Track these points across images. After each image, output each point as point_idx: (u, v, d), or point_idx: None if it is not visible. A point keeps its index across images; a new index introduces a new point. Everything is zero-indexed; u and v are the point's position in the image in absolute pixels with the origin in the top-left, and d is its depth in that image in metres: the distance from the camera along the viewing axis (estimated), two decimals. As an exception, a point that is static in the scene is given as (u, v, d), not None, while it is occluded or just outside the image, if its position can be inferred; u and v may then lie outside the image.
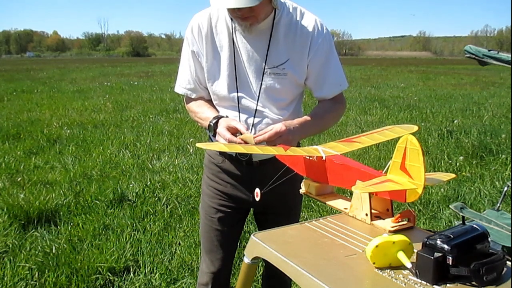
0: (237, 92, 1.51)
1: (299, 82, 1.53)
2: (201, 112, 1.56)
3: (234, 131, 1.38)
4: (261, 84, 1.49)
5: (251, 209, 1.74)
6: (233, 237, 1.73)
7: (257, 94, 1.50)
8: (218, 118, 1.45)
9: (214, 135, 1.46)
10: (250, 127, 1.51)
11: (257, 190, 1.35)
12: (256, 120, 1.52)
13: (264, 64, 1.48)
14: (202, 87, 1.59)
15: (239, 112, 1.52)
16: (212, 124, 1.45)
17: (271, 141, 1.34)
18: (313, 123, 1.49)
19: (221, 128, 1.40)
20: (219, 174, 1.64)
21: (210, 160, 1.67)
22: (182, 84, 1.61)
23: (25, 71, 24.63)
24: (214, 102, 1.60)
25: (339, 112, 1.63)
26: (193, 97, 1.61)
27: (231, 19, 1.47)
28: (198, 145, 1.22)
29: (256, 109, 1.51)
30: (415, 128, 1.35)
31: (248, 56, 1.49)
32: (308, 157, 1.26)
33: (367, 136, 1.33)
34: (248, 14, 1.36)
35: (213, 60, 1.52)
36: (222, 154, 1.60)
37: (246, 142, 1.35)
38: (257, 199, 1.35)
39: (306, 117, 1.50)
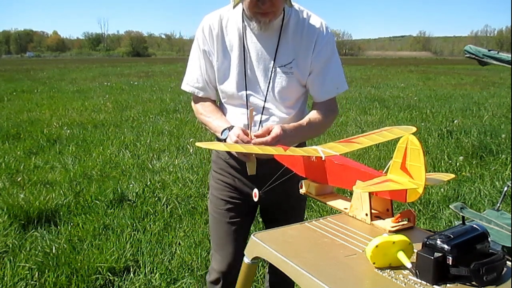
0: (246, 90, 1.55)
1: (303, 81, 1.57)
2: (210, 121, 1.60)
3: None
4: (269, 82, 1.53)
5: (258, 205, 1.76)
6: (243, 229, 1.73)
7: (265, 92, 1.54)
8: (229, 130, 1.47)
9: None
10: (258, 125, 1.54)
11: (255, 191, 1.35)
12: (264, 117, 1.56)
13: (272, 63, 1.52)
14: (210, 86, 1.63)
15: (247, 109, 1.55)
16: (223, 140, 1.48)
17: (269, 143, 1.36)
18: (307, 129, 1.52)
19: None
20: (226, 169, 1.67)
21: (217, 156, 1.70)
22: (190, 82, 1.64)
23: (25, 71, 24.63)
24: (223, 100, 1.64)
25: (331, 119, 1.66)
26: (200, 95, 1.65)
27: (242, 20, 1.53)
28: (198, 144, 1.23)
29: (263, 107, 1.55)
30: (413, 129, 1.35)
31: (258, 55, 1.53)
32: (307, 157, 1.26)
33: (366, 137, 1.33)
34: (269, 10, 1.41)
35: (223, 59, 1.56)
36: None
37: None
38: (256, 199, 1.35)
39: (301, 122, 1.53)
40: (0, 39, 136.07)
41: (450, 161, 5.02)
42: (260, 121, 1.55)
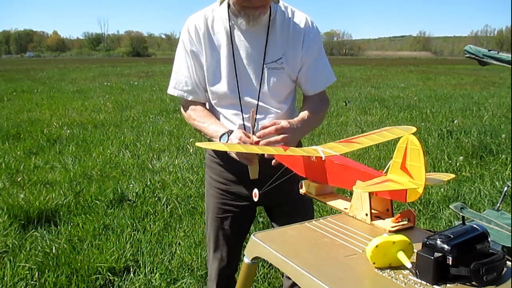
0: (238, 89, 1.53)
1: (293, 76, 1.58)
2: (205, 127, 1.55)
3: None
4: (261, 79, 1.52)
5: (258, 206, 1.75)
6: (239, 235, 1.74)
7: (258, 90, 1.53)
8: (228, 134, 1.44)
9: None
10: (254, 123, 1.51)
11: (255, 191, 1.35)
12: (259, 116, 1.54)
13: (263, 60, 1.52)
14: (200, 89, 1.59)
15: (241, 110, 1.54)
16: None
17: (273, 134, 1.37)
18: (309, 122, 1.54)
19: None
20: (222, 174, 1.64)
21: (212, 160, 1.67)
22: (178, 86, 1.61)
23: (25, 71, 24.63)
24: (213, 102, 1.60)
25: (326, 109, 1.70)
26: (189, 99, 1.61)
27: (228, 18, 1.51)
28: (198, 144, 1.23)
29: (257, 105, 1.53)
30: (413, 129, 1.35)
31: (247, 53, 1.52)
32: (307, 157, 1.26)
33: (366, 137, 1.33)
34: (259, 3, 1.41)
35: (211, 59, 1.54)
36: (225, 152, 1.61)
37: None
38: (255, 199, 1.35)
39: (303, 116, 1.53)
40: (0, 39, 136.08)
41: (450, 161, 5.02)
42: (255, 119, 1.52)
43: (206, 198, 1.75)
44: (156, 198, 3.85)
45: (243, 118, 1.54)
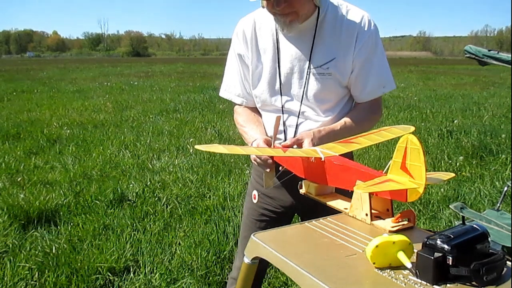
0: (281, 94, 1.50)
1: (343, 82, 1.47)
2: (245, 131, 1.56)
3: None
4: (305, 85, 1.46)
5: (295, 214, 1.70)
6: None
7: (301, 96, 1.47)
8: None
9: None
10: (294, 129, 1.50)
11: (255, 192, 1.36)
12: (300, 121, 1.50)
13: (308, 64, 1.44)
14: (249, 92, 1.58)
15: (282, 114, 1.51)
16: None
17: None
18: (340, 133, 1.43)
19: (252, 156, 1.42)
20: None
21: None
22: (228, 88, 1.61)
23: (25, 71, 24.61)
24: (257, 105, 1.58)
25: (371, 123, 1.55)
26: (238, 102, 1.61)
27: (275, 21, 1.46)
28: (197, 147, 1.23)
29: (299, 111, 1.49)
30: (411, 128, 1.35)
31: (292, 57, 1.46)
32: (306, 158, 1.26)
33: (365, 137, 1.33)
34: (287, 10, 1.34)
35: (257, 63, 1.52)
36: None
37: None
38: (255, 201, 1.35)
39: (335, 126, 1.44)
40: (0, 39, 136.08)
41: (450, 161, 5.02)
42: (297, 125, 1.49)
43: (246, 198, 1.74)
44: (156, 198, 3.85)
45: (284, 123, 1.50)
